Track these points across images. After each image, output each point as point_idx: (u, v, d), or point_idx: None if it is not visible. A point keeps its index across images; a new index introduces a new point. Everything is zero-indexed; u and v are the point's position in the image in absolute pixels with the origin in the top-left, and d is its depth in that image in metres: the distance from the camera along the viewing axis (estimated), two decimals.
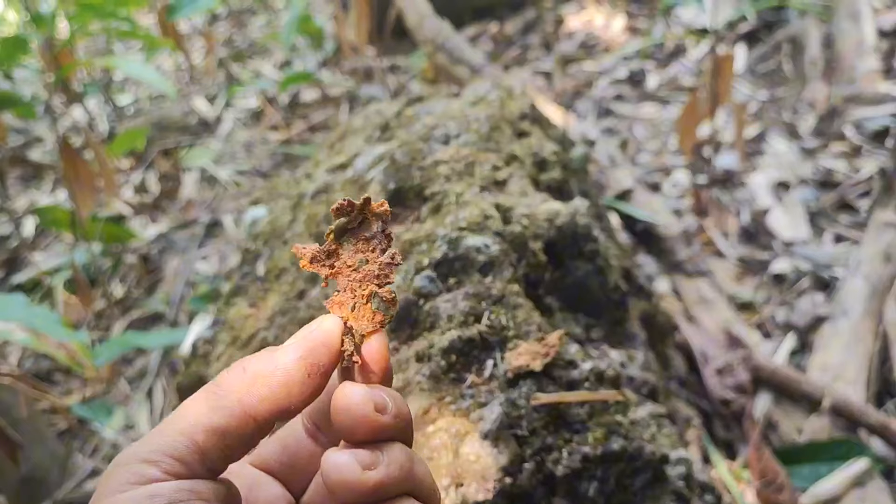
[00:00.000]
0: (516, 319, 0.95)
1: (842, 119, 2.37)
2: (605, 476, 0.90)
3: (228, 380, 0.49)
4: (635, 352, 1.19)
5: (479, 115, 1.34)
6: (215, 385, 0.49)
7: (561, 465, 0.87)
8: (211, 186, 3.01)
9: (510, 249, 1.04)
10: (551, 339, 0.91)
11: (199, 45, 4.30)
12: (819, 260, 1.95)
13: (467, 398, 0.88)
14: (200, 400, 0.48)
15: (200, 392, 0.49)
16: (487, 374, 0.90)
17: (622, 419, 0.94)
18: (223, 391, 0.48)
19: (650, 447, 0.94)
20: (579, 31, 3.46)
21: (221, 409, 0.47)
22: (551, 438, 0.88)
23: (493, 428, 0.84)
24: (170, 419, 0.47)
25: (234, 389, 0.48)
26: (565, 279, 1.13)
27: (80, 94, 3.16)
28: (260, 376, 0.48)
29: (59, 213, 2.27)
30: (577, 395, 0.90)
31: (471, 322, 0.93)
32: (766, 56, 2.86)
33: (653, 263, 1.91)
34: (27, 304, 1.54)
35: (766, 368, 1.60)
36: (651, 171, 2.45)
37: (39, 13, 2.61)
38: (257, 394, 0.48)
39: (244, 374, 0.49)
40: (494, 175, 1.19)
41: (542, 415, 0.88)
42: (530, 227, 1.09)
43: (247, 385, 0.48)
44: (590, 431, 0.90)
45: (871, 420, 1.50)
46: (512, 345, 0.92)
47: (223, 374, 0.50)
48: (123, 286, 2.54)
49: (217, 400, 0.48)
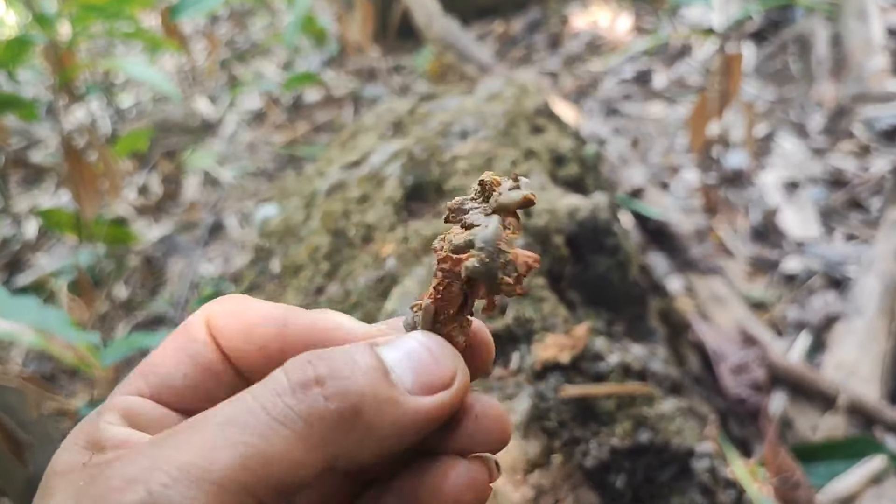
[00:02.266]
0: (542, 312, 0.94)
1: (850, 118, 2.37)
2: (633, 468, 0.89)
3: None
4: (656, 346, 1.19)
5: (495, 110, 1.33)
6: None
7: (589, 457, 0.86)
8: (215, 188, 3.00)
9: (534, 243, 1.03)
10: (578, 332, 0.90)
11: (201, 47, 4.30)
12: (830, 258, 1.95)
13: (495, 390, 0.87)
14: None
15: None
16: (515, 366, 0.89)
17: (649, 412, 0.93)
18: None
19: (676, 440, 0.93)
20: (584, 31, 3.46)
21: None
22: (579, 430, 0.87)
23: (523, 420, 0.84)
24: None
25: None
26: (586, 273, 1.12)
27: (82, 95, 3.14)
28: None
29: (62, 215, 2.26)
30: (604, 387, 0.89)
31: (496, 315, 0.92)
32: (773, 55, 2.86)
33: (664, 261, 1.90)
34: (38, 305, 1.53)
35: (780, 366, 1.60)
36: (660, 169, 2.44)
37: (43, 14, 2.60)
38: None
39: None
40: (514, 170, 1.19)
41: (570, 407, 0.87)
42: (552, 222, 1.08)
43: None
44: (618, 424, 0.89)
45: (887, 418, 1.50)
46: (538, 337, 0.92)
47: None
48: (127, 288, 2.53)
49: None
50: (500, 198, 0.45)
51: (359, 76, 3.42)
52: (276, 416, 0.36)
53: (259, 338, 0.46)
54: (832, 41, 2.66)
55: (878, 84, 2.38)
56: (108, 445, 0.40)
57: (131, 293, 2.50)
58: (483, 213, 0.45)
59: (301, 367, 0.39)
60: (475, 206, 0.46)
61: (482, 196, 0.46)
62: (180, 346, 0.47)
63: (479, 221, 0.45)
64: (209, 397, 0.46)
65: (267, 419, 0.36)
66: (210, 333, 0.47)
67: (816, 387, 1.56)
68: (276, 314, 0.46)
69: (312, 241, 1.21)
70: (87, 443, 0.41)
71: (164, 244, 2.70)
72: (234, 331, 0.46)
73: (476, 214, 0.45)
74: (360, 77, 3.39)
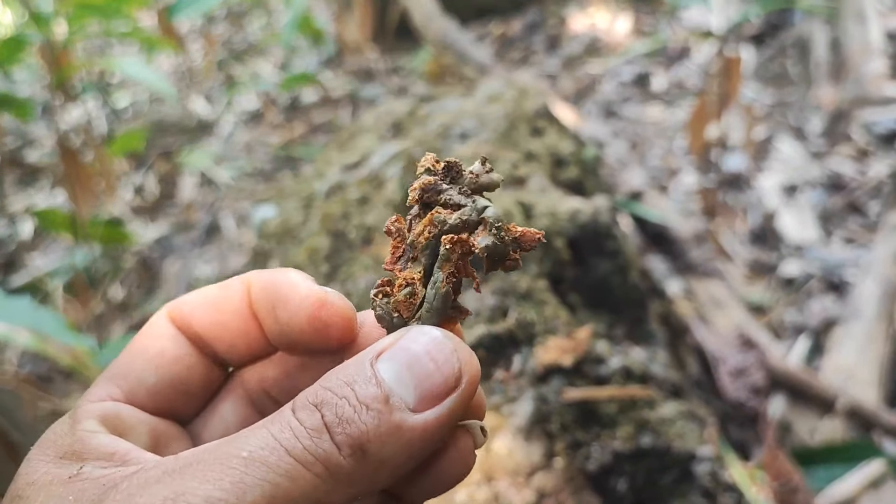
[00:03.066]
0: (543, 315, 0.94)
1: (849, 121, 2.37)
2: (634, 472, 0.89)
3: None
4: (656, 350, 1.18)
5: (495, 112, 1.33)
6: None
7: (591, 460, 0.86)
8: (212, 188, 2.99)
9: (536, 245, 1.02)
10: (580, 335, 0.90)
11: (197, 47, 4.28)
12: (829, 262, 1.95)
13: (499, 393, 0.86)
14: None
15: None
16: (516, 369, 0.89)
17: (650, 415, 0.93)
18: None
19: (678, 444, 0.93)
20: (583, 33, 3.46)
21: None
22: (581, 434, 0.87)
23: (525, 423, 0.83)
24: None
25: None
26: (587, 276, 1.12)
27: (78, 95, 3.13)
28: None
29: (58, 215, 2.25)
30: (606, 390, 0.89)
31: (498, 317, 0.92)
32: (772, 58, 2.87)
33: (664, 264, 1.90)
34: (34, 307, 1.51)
35: (779, 370, 1.60)
36: (658, 172, 2.44)
37: (39, 13, 2.59)
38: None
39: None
40: (514, 172, 1.18)
41: (572, 410, 0.87)
42: (553, 225, 1.08)
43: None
44: (619, 427, 0.89)
45: (885, 421, 1.49)
46: (540, 340, 0.91)
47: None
48: (123, 289, 2.52)
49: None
50: (481, 179, 0.46)
51: (357, 76, 3.41)
52: (298, 459, 0.37)
53: (229, 304, 0.47)
54: (831, 45, 2.67)
55: (877, 88, 2.38)
56: (92, 456, 0.40)
57: (127, 294, 2.49)
58: (462, 194, 0.45)
59: (309, 410, 0.39)
60: (447, 187, 0.46)
61: (448, 178, 0.46)
62: (147, 345, 0.47)
63: (463, 202, 0.45)
64: (185, 391, 0.47)
65: (290, 461, 0.37)
66: (177, 326, 0.47)
67: (815, 390, 1.56)
68: (236, 285, 0.48)
69: (312, 243, 1.21)
70: (65, 453, 0.40)
71: (161, 245, 2.69)
72: (203, 314, 0.47)
73: (454, 195, 0.45)
74: (358, 77, 3.39)
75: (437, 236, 0.44)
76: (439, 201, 0.45)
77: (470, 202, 0.45)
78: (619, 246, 1.15)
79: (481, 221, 0.44)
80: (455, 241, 0.43)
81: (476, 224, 0.44)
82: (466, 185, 0.46)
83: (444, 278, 0.44)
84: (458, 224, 0.44)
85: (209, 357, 0.48)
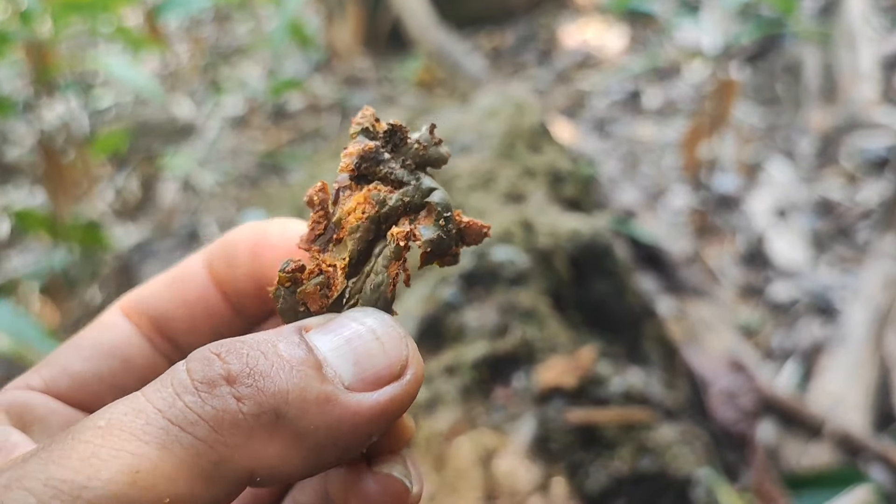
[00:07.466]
0: (545, 333, 0.92)
1: (838, 146, 2.38)
2: (633, 494, 0.87)
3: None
4: (652, 370, 1.17)
5: (493, 128, 1.32)
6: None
7: (592, 482, 0.84)
8: (195, 193, 2.95)
9: (536, 264, 1.01)
10: (583, 355, 0.89)
11: (183, 48, 4.24)
12: (817, 286, 1.95)
13: (499, 412, 0.84)
14: None
15: None
16: (518, 388, 0.87)
17: (649, 438, 0.92)
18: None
19: (675, 466, 0.92)
20: (575, 49, 3.46)
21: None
22: (582, 455, 0.85)
23: (527, 443, 0.81)
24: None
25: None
26: (586, 295, 1.11)
27: (61, 93, 3.08)
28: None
29: (36, 216, 2.20)
30: (609, 413, 0.88)
31: (499, 335, 0.90)
32: (763, 81, 2.88)
33: (654, 284, 1.89)
34: (13, 311, 1.47)
35: (767, 394, 1.59)
36: (650, 191, 2.44)
37: (26, 11, 2.54)
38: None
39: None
40: (513, 188, 1.17)
41: (573, 430, 0.85)
42: (554, 244, 1.07)
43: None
44: (620, 449, 0.88)
45: (872, 447, 1.49)
46: (541, 358, 0.90)
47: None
48: (102, 292, 2.47)
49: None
50: (429, 152, 0.39)
51: (346, 83, 3.39)
52: (172, 419, 0.29)
53: (190, 278, 0.43)
54: (822, 69, 2.69)
55: (867, 113, 2.40)
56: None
57: (105, 297, 2.44)
58: (405, 168, 0.39)
59: (206, 359, 0.31)
60: (388, 157, 0.39)
61: (390, 145, 0.39)
62: (84, 335, 0.42)
63: (406, 178, 0.39)
64: (116, 383, 0.41)
65: (162, 423, 0.29)
66: (128, 314, 0.42)
67: (802, 415, 1.56)
68: (195, 258, 0.44)
69: None
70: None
71: (141, 248, 2.64)
72: (161, 296, 0.42)
73: (396, 169, 0.39)
74: (348, 84, 3.37)
75: (374, 219, 0.37)
76: (378, 174, 0.38)
77: (413, 179, 0.38)
78: (617, 266, 1.14)
79: (425, 206, 0.38)
80: (406, 235, 0.37)
81: (418, 208, 0.38)
82: (410, 158, 0.39)
83: (390, 280, 0.37)
84: (399, 206, 0.38)
85: (169, 346, 0.42)
